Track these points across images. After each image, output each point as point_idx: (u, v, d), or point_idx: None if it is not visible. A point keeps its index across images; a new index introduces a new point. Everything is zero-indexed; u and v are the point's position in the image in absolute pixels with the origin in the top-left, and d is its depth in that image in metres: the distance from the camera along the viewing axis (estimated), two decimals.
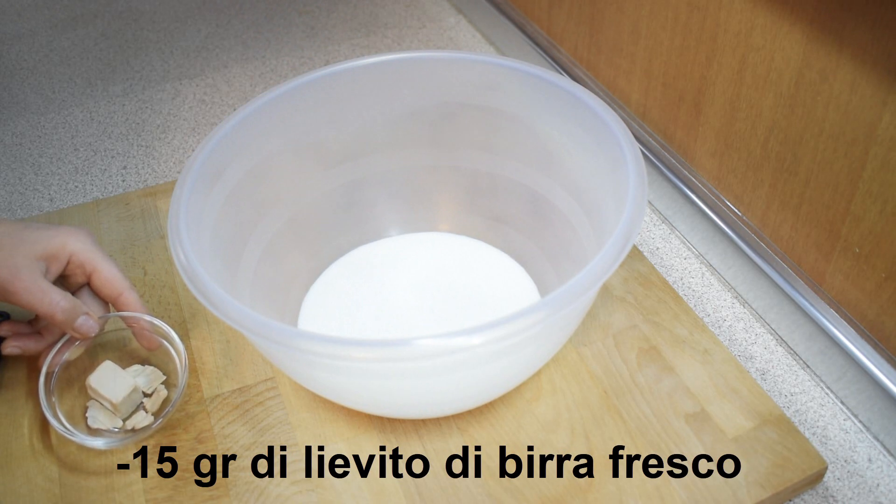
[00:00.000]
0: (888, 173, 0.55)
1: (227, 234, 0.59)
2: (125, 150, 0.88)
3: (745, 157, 0.68)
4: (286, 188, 0.66)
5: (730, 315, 0.69)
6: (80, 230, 0.59)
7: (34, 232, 0.57)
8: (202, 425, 0.59)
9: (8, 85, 1.00)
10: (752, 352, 0.66)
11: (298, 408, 0.60)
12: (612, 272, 0.48)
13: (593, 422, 0.58)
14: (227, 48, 1.05)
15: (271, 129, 0.63)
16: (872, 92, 0.54)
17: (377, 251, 0.72)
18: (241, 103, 0.95)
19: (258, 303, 0.61)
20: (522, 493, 0.54)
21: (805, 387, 0.64)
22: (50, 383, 0.57)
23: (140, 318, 0.60)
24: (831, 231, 0.61)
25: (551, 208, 0.65)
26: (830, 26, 0.55)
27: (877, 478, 0.58)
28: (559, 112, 0.61)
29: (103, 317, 0.59)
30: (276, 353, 0.51)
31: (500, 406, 0.59)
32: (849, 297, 0.62)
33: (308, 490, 0.55)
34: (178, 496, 0.55)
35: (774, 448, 0.56)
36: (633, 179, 0.53)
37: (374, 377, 0.51)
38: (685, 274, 0.73)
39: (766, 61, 0.62)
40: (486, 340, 0.45)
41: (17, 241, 0.55)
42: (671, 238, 0.77)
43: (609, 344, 0.63)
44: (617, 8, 0.78)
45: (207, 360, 0.63)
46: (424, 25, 1.09)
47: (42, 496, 0.55)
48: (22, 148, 0.90)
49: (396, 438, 0.58)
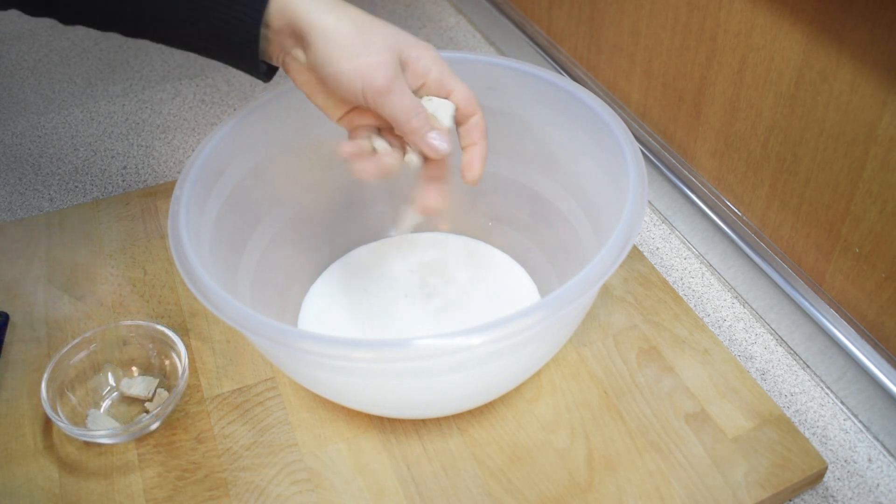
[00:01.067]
0: (888, 173, 0.55)
1: (227, 234, 0.59)
2: (125, 150, 0.88)
3: (745, 157, 0.68)
4: (286, 188, 0.66)
5: (730, 315, 0.69)
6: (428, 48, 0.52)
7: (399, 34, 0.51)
8: (202, 425, 0.59)
9: (8, 85, 1.00)
10: (752, 352, 0.66)
11: (298, 408, 0.60)
12: (612, 272, 0.48)
13: (593, 422, 0.58)
14: None
15: (271, 129, 0.63)
16: (872, 92, 0.54)
17: (377, 251, 0.72)
18: (241, 103, 0.95)
19: (258, 303, 0.61)
20: (522, 492, 0.54)
21: (805, 387, 0.64)
22: (52, 385, 0.58)
23: (139, 325, 0.60)
24: (831, 231, 0.61)
25: (551, 208, 0.65)
26: (830, 26, 0.55)
27: (877, 478, 0.58)
28: (559, 112, 0.61)
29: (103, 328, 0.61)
30: (276, 353, 0.51)
31: (500, 406, 0.59)
32: (849, 297, 0.62)
33: (308, 490, 0.55)
34: (178, 496, 0.55)
35: (774, 448, 0.56)
36: (633, 179, 0.53)
37: (374, 377, 0.51)
38: (685, 274, 0.73)
39: (766, 61, 0.62)
40: (486, 340, 0.45)
41: (387, 32, 0.49)
42: (671, 238, 0.77)
43: (609, 344, 0.63)
44: (617, 8, 0.78)
45: (207, 360, 0.63)
46: (424, 25, 1.09)
47: (42, 496, 0.55)
48: (22, 148, 0.90)
49: (396, 438, 0.58)
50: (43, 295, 0.68)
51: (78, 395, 0.59)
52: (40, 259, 0.72)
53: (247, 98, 0.96)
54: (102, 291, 0.69)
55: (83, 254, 0.72)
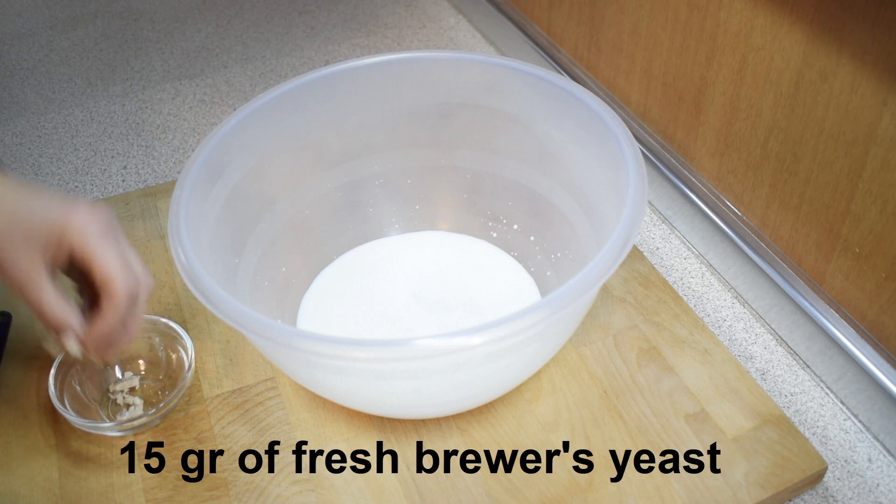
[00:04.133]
0: (888, 173, 0.55)
1: (227, 234, 0.59)
2: (125, 150, 0.88)
3: (745, 157, 0.68)
4: (286, 188, 0.66)
5: (730, 315, 0.69)
6: (90, 210, 0.49)
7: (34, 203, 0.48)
8: (202, 425, 0.59)
9: (8, 85, 1.00)
10: (752, 352, 0.66)
11: (298, 408, 0.60)
12: (612, 272, 0.48)
13: (593, 422, 0.58)
14: (227, 48, 1.05)
15: (271, 129, 0.63)
16: (872, 92, 0.54)
17: (377, 251, 0.72)
18: (241, 103, 0.95)
19: (258, 303, 0.61)
20: (522, 492, 0.54)
21: (805, 387, 0.64)
22: (60, 377, 0.58)
23: (146, 317, 0.60)
24: (831, 231, 0.61)
25: (551, 208, 0.65)
26: (830, 26, 0.55)
27: (877, 478, 0.58)
28: (559, 112, 0.61)
29: None
30: (276, 353, 0.51)
31: (500, 406, 0.59)
32: (849, 297, 0.62)
33: (308, 490, 0.55)
34: (179, 496, 0.55)
35: (774, 448, 0.56)
36: (633, 179, 0.53)
37: (374, 377, 0.51)
38: (685, 274, 0.73)
39: (766, 61, 0.62)
40: (486, 340, 0.45)
41: (11, 218, 0.47)
42: (671, 238, 0.77)
43: (609, 344, 0.63)
44: (617, 8, 0.78)
45: (207, 360, 0.63)
46: (424, 25, 1.09)
47: (42, 496, 0.55)
48: (22, 148, 0.90)
49: (396, 438, 0.58)
50: None
51: (85, 389, 0.59)
52: None
53: (247, 98, 0.96)
54: None
55: None
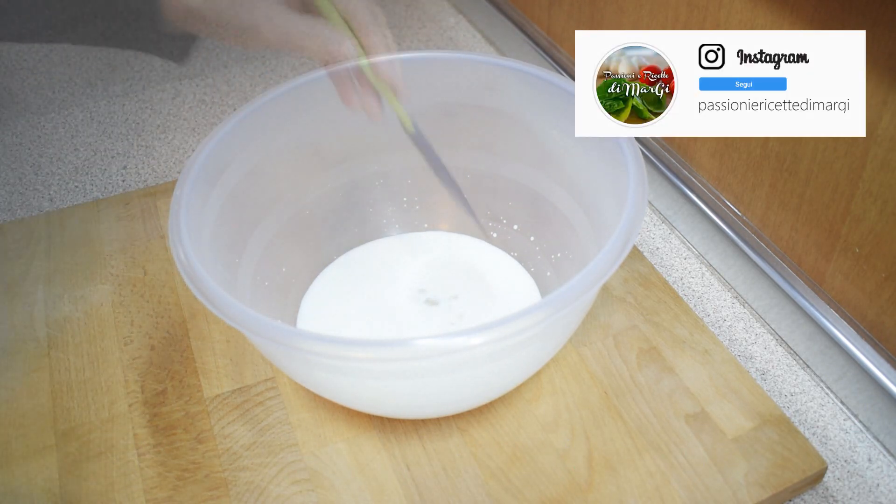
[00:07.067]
0: (888, 173, 0.55)
1: (227, 234, 0.59)
2: (125, 150, 0.88)
3: (745, 157, 0.68)
4: (286, 188, 0.66)
5: (730, 315, 0.69)
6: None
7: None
8: (202, 425, 0.59)
9: (8, 85, 1.00)
10: (752, 352, 0.66)
11: (298, 408, 0.60)
12: (612, 272, 0.48)
13: (593, 422, 0.58)
14: (227, 48, 1.05)
15: (271, 129, 0.63)
16: (872, 92, 0.54)
17: (377, 251, 0.72)
18: (241, 103, 0.95)
19: (258, 303, 0.61)
20: (522, 492, 0.54)
21: (805, 387, 0.64)
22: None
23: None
24: (831, 231, 0.61)
25: (551, 208, 0.65)
26: (830, 26, 0.55)
27: (877, 478, 0.58)
28: (559, 112, 0.61)
29: None
30: (276, 353, 0.51)
31: (500, 406, 0.59)
32: (849, 297, 0.62)
33: (308, 490, 0.55)
34: (178, 496, 0.55)
35: (774, 448, 0.56)
36: (633, 179, 0.53)
37: (374, 377, 0.51)
38: (685, 274, 0.73)
39: None
40: (486, 340, 0.45)
41: None
42: (671, 238, 0.77)
43: (609, 344, 0.63)
44: (617, 8, 0.78)
45: (207, 360, 0.63)
46: (424, 25, 1.09)
47: (42, 496, 0.55)
48: (22, 148, 0.90)
49: (396, 438, 0.58)
50: (43, 295, 0.68)
51: None
52: (40, 259, 0.72)
53: (247, 98, 0.96)
54: (102, 291, 0.69)
55: (83, 254, 0.72)
